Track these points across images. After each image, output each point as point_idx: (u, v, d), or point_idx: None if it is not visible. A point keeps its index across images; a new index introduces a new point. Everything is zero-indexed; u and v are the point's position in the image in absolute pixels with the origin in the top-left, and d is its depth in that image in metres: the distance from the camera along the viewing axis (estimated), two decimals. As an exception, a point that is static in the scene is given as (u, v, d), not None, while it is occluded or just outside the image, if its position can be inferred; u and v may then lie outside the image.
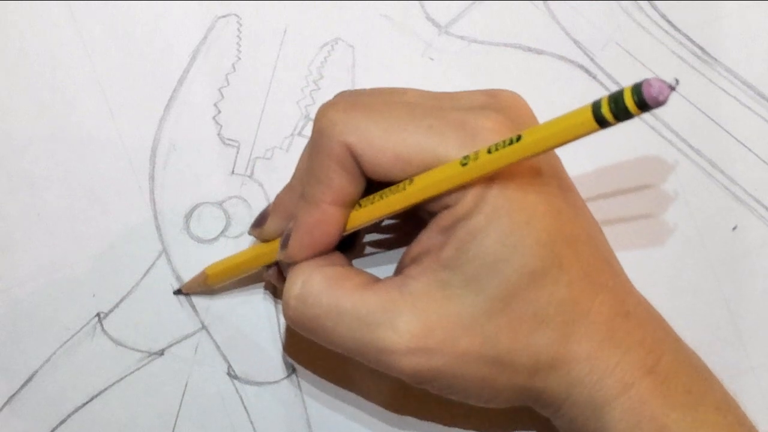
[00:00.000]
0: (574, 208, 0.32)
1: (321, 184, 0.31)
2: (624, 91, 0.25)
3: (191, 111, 0.40)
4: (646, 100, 0.25)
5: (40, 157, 0.39)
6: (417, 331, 0.30)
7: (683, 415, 0.31)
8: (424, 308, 0.30)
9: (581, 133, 0.27)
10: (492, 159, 0.28)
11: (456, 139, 0.30)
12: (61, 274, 0.38)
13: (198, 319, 0.38)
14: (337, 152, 0.31)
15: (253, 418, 0.38)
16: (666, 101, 0.25)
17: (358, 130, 0.31)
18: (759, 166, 0.41)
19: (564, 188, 0.32)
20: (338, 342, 0.31)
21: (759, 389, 0.39)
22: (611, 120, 0.26)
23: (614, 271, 0.33)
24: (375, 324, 0.30)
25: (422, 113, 0.31)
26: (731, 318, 0.40)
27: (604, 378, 0.31)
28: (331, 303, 0.31)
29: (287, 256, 0.33)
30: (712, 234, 0.40)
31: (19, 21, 0.40)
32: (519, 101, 0.33)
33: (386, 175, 0.31)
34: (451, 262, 0.30)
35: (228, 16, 0.41)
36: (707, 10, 0.42)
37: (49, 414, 0.37)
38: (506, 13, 0.41)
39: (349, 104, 0.32)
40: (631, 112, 0.25)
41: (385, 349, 0.30)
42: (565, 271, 0.31)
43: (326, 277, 0.32)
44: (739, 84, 0.41)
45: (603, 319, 0.31)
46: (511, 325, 0.30)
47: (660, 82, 0.25)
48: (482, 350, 0.30)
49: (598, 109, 0.26)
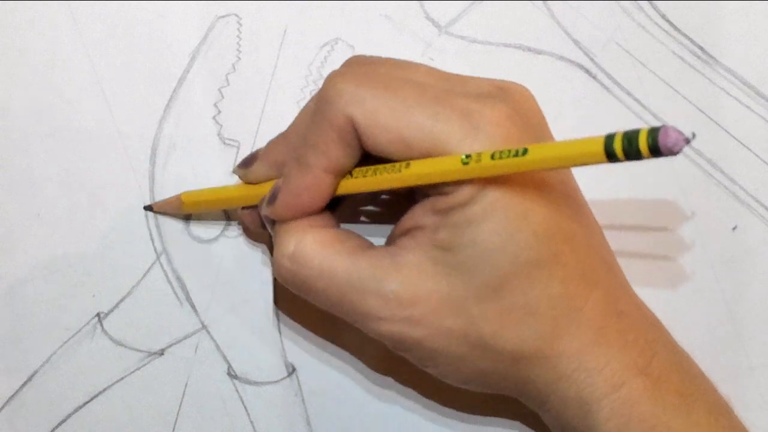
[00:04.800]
0: (574, 205, 0.32)
1: (317, 151, 0.31)
2: (640, 132, 0.25)
3: (191, 111, 0.40)
4: (660, 147, 0.25)
5: (40, 157, 0.39)
6: (403, 300, 0.31)
7: (674, 417, 0.31)
8: (413, 280, 0.31)
9: (588, 162, 0.27)
10: (493, 165, 0.28)
11: (460, 129, 0.30)
12: (61, 274, 0.38)
13: (198, 319, 0.38)
14: (340, 123, 0.31)
15: (253, 418, 0.38)
16: (679, 153, 0.25)
17: (365, 105, 0.30)
18: (759, 166, 0.41)
19: (564, 184, 0.32)
20: (328, 303, 0.32)
21: (759, 389, 0.39)
22: (621, 158, 0.26)
23: (611, 269, 0.33)
24: (363, 289, 0.31)
25: (431, 98, 0.30)
26: (731, 318, 0.40)
27: (593, 376, 0.31)
28: (323, 265, 0.32)
29: (272, 213, 0.33)
30: (712, 234, 0.40)
31: (19, 21, 0.40)
32: (527, 94, 0.33)
33: (384, 153, 0.31)
34: (445, 244, 0.30)
35: (228, 16, 0.41)
36: (707, 10, 0.42)
37: (49, 414, 0.37)
38: (506, 13, 0.41)
39: (359, 76, 0.31)
40: (643, 155, 0.25)
41: (370, 314, 0.31)
42: (561, 266, 0.31)
43: (319, 238, 0.32)
44: (739, 84, 0.41)
45: (595, 316, 0.31)
46: (498, 313, 0.30)
47: (677, 132, 0.24)
48: (466, 331, 0.31)
49: (610, 143, 0.26)
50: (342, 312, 0.32)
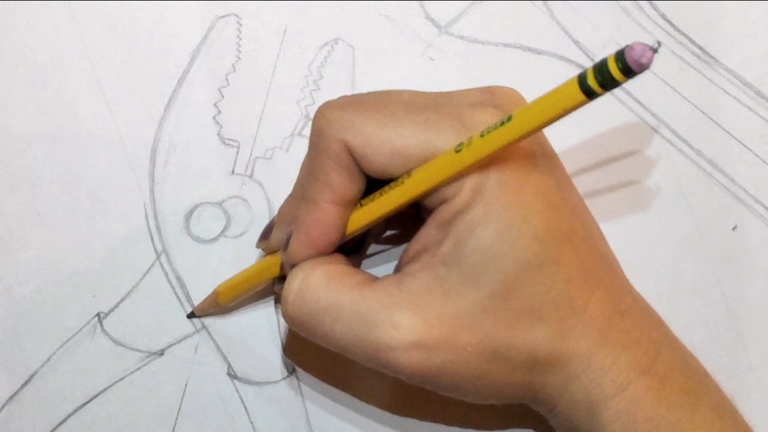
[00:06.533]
0: (572, 205, 0.32)
1: (319, 182, 0.31)
2: (608, 59, 0.25)
3: (191, 111, 0.40)
4: (629, 64, 0.25)
5: (40, 157, 0.39)
6: (416, 328, 0.30)
7: (679, 416, 0.31)
8: (423, 305, 0.30)
9: (570, 106, 0.27)
10: (485, 142, 0.28)
11: (452, 132, 0.30)
12: (61, 274, 0.38)
13: (198, 319, 0.38)
14: (335, 150, 0.31)
15: (253, 418, 0.38)
16: (649, 64, 0.25)
17: (354, 126, 0.31)
18: (759, 166, 0.41)
19: (562, 184, 0.32)
20: (336, 340, 0.31)
21: (759, 389, 0.39)
22: (598, 90, 0.26)
23: (612, 269, 0.33)
24: (374, 321, 0.30)
25: (418, 109, 0.31)
26: (731, 318, 0.40)
27: (600, 377, 0.31)
28: (330, 299, 0.31)
29: (288, 256, 0.33)
30: (712, 234, 0.40)
31: (19, 21, 0.40)
32: (516, 97, 0.33)
33: (385, 172, 0.31)
34: (449, 258, 0.30)
35: (228, 16, 0.41)
36: (707, 10, 0.42)
37: (49, 414, 0.37)
38: (506, 13, 0.41)
39: (345, 103, 0.32)
40: (617, 79, 0.25)
41: (384, 346, 0.30)
42: (563, 267, 0.30)
43: (325, 273, 0.31)
44: (739, 84, 0.41)
45: (599, 316, 0.31)
46: (508, 321, 0.30)
47: (642, 45, 0.25)
48: (481, 346, 0.30)
49: (584, 80, 0.26)
50: (353, 349, 0.31)
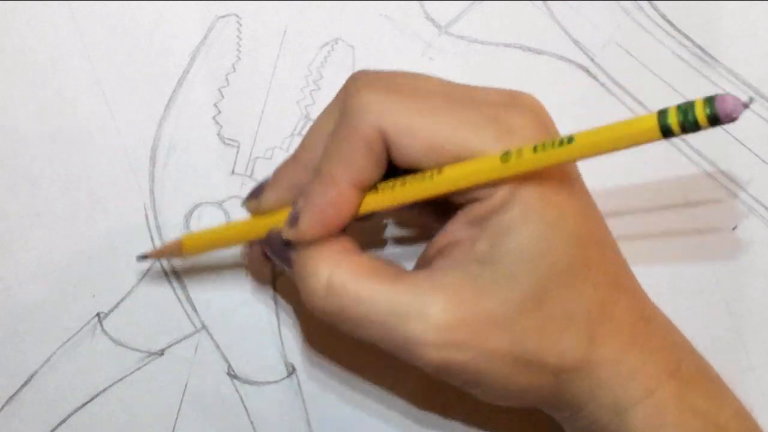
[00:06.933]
0: (598, 211, 0.32)
1: (344, 163, 0.30)
2: (695, 103, 0.24)
3: (191, 111, 0.40)
4: (719, 114, 0.24)
5: (40, 157, 0.39)
6: (447, 324, 0.30)
7: (705, 421, 0.31)
8: (456, 301, 0.30)
9: (642, 141, 0.26)
10: (536, 158, 0.27)
11: (493, 133, 0.29)
12: (61, 274, 0.38)
13: (198, 319, 0.38)
14: (369, 135, 0.30)
15: (253, 418, 0.38)
16: (738, 118, 0.24)
17: (393, 115, 0.30)
18: (759, 166, 0.41)
19: (583, 189, 0.32)
20: (367, 332, 0.31)
21: (759, 389, 0.39)
22: (677, 131, 0.25)
23: (632, 276, 0.33)
24: (406, 315, 0.30)
25: (459, 104, 0.30)
26: (731, 318, 0.40)
27: (628, 381, 0.30)
28: (361, 293, 0.30)
29: (297, 234, 0.31)
30: (712, 234, 0.40)
31: (19, 21, 0.40)
32: (539, 103, 0.32)
33: (414, 163, 0.30)
34: (485, 257, 0.30)
35: (228, 16, 0.41)
36: (707, 10, 0.42)
37: (49, 414, 0.37)
38: (506, 13, 0.41)
39: (384, 85, 0.31)
40: (701, 125, 0.24)
41: (414, 340, 0.30)
42: (593, 272, 0.30)
43: (354, 266, 0.31)
44: (739, 84, 0.41)
45: (626, 322, 0.31)
46: (540, 324, 0.30)
47: (734, 98, 0.24)
48: (511, 348, 0.30)
49: (664, 118, 0.25)
50: (382, 340, 0.31)
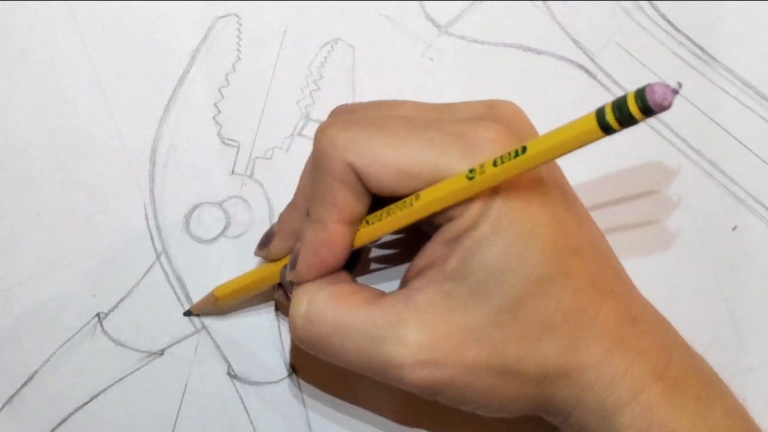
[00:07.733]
0: (577, 217, 0.32)
1: (326, 203, 0.31)
2: (627, 97, 0.25)
3: (191, 111, 0.40)
4: (650, 105, 0.24)
5: (40, 157, 0.39)
6: (424, 344, 0.30)
7: (693, 421, 0.31)
8: (430, 320, 0.30)
9: (586, 141, 0.26)
10: (498, 171, 0.28)
11: (457, 151, 0.30)
12: (61, 274, 0.38)
13: (198, 319, 0.38)
14: (340, 171, 0.31)
15: (253, 418, 0.38)
16: (670, 106, 0.24)
17: (359, 147, 0.30)
18: (759, 166, 0.41)
19: (566, 197, 0.32)
20: (346, 359, 0.31)
21: (759, 389, 0.39)
22: (616, 127, 0.25)
23: (619, 277, 0.33)
24: (382, 338, 0.30)
25: (422, 127, 0.31)
26: (731, 318, 0.40)
27: (614, 384, 0.31)
28: (337, 320, 0.31)
29: (296, 277, 0.33)
30: (712, 234, 0.40)
31: (19, 21, 0.40)
32: (517, 111, 0.33)
33: (390, 190, 0.31)
34: (456, 274, 0.30)
35: (228, 16, 0.41)
36: (707, 10, 0.42)
37: (49, 414, 0.37)
38: (506, 13, 0.41)
39: (347, 122, 0.31)
40: (636, 118, 0.25)
41: (393, 362, 0.30)
42: (571, 278, 0.30)
43: (331, 294, 0.32)
44: (739, 84, 0.41)
45: (611, 325, 0.31)
46: (518, 335, 0.30)
47: (663, 86, 0.24)
48: (490, 360, 0.30)
49: (602, 116, 0.26)
50: (363, 366, 0.31)
